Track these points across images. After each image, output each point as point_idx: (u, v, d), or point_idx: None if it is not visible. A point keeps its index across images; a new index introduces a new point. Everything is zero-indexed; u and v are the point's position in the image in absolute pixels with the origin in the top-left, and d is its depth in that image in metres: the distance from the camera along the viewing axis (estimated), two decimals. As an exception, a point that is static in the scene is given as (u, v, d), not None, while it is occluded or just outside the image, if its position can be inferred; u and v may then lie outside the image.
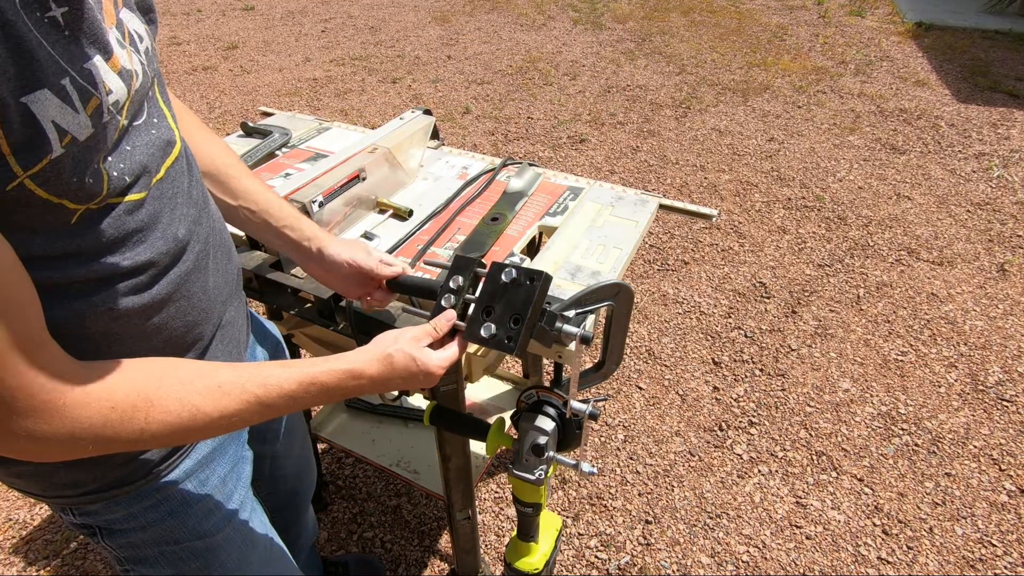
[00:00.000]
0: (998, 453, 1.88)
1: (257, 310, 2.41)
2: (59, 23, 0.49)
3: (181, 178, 0.68)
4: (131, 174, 0.59)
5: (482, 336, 0.76)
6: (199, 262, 0.71)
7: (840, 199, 3.03)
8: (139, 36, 0.62)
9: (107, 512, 0.74)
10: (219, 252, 0.76)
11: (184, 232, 0.67)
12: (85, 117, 0.51)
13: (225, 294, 0.78)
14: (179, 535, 0.79)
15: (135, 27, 0.62)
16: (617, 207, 1.21)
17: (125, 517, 0.75)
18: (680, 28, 5.14)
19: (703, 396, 2.09)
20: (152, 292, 0.64)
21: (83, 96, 0.51)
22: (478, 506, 1.77)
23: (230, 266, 0.80)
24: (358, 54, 4.80)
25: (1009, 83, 4.03)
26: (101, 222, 0.57)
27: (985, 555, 1.64)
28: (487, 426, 0.91)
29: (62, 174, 0.51)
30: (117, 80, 0.55)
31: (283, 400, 0.65)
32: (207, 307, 0.73)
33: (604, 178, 3.20)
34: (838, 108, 3.84)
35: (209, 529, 0.81)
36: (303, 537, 1.33)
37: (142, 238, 0.61)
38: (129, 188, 0.59)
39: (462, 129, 3.71)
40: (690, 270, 2.63)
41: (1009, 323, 2.32)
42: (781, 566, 1.63)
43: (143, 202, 0.61)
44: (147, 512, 0.75)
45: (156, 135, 0.64)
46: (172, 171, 0.67)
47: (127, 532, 0.76)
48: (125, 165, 0.59)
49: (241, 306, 0.87)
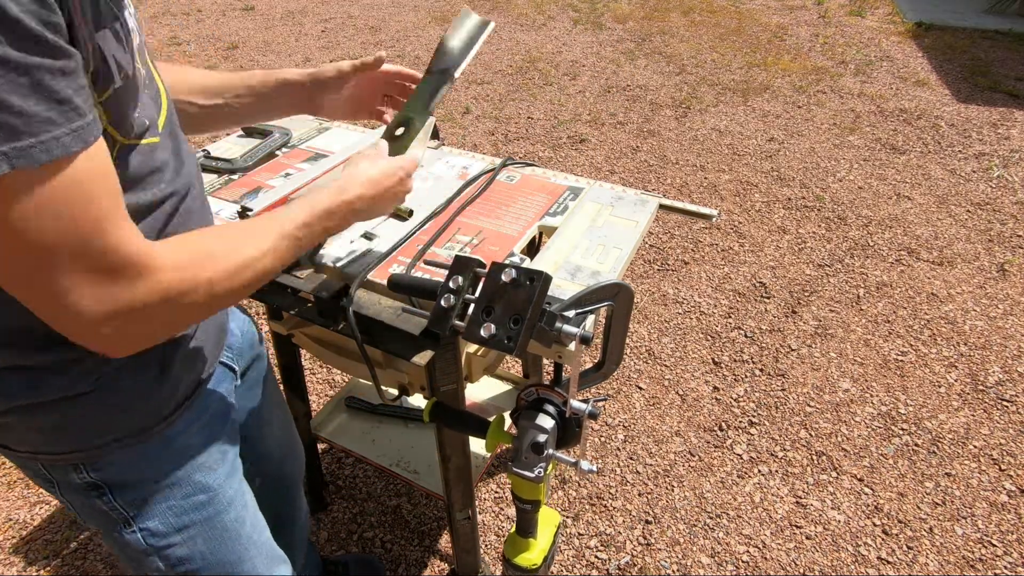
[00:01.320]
0: (998, 453, 1.88)
1: (257, 310, 2.42)
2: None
3: (173, 135, 0.74)
4: (147, 119, 0.66)
5: (482, 336, 0.76)
6: (194, 203, 0.77)
7: (840, 199, 3.03)
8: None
9: (121, 465, 0.77)
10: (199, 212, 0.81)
11: (176, 185, 0.72)
12: (131, 56, 0.60)
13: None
14: (186, 489, 0.82)
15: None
16: (617, 207, 1.21)
17: (138, 469, 0.78)
18: (680, 28, 5.14)
19: (703, 396, 2.09)
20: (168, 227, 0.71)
21: (127, 39, 0.60)
22: (478, 506, 1.77)
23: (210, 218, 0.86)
24: (358, 54, 4.79)
25: (1009, 83, 4.03)
26: (134, 157, 0.64)
27: (985, 555, 1.64)
28: (487, 423, 0.91)
29: (118, 104, 0.59)
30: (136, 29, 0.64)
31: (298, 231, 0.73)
32: None
33: (604, 178, 3.20)
34: (838, 108, 3.84)
35: (211, 484, 0.84)
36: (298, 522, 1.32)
37: (161, 177, 0.69)
38: (146, 131, 0.66)
39: (462, 129, 3.71)
40: (690, 270, 2.63)
41: (1009, 323, 2.32)
42: (781, 566, 1.63)
43: (157, 145, 0.68)
44: (157, 464, 0.79)
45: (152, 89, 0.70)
46: (168, 123, 0.73)
47: (138, 487, 0.79)
48: (142, 112, 0.65)
49: None
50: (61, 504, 1.56)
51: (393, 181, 0.85)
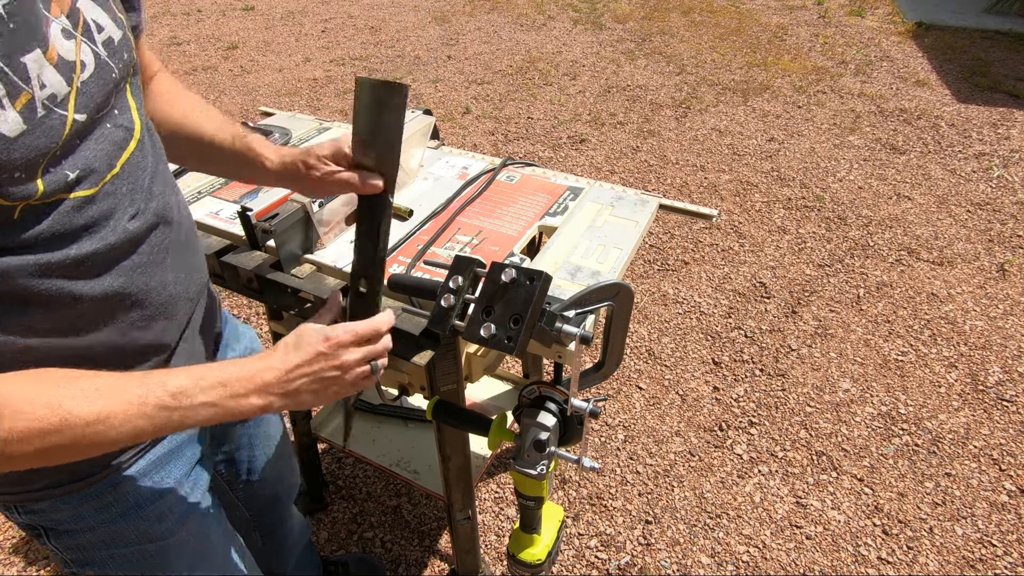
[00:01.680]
0: (998, 453, 1.88)
1: (257, 310, 2.41)
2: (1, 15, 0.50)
3: (139, 172, 0.66)
4: (77, 169, 0.58)
5: (482, 336, 0.76)
6: (155, 256, 0.69)
7: (840, 199, 3.03)
8: (98, 25, 0.61)
9: (54, 511, 0.72)
10: (182, 249, 0.74)
11: (137, 226, 0.65)
12: (14, 114, 0.51)
13: (192, 292, 0.77)
14: (130, 537, 0.76)
15: (95, 16, 0.61)
16: (617, 207, 1.21)
17: (73, 517, 0.73)
18: (680, 28, 5.14)
19: (703, 396, 2.09)
20: (101, 282, 0.62)
21: (12, 92, 0.51)
22: (478, 506, 1.77)
23: (195, 261, 0.78)
24: (358, 54, 4.80)
25: (1009, 83, 4.03)
26: (48, 217, 0.56)
27: (985, 555, 1.64)
28: (489, 421, 0.91)
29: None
30: (53, 73, 0.54)
31: (172, 400, 0.58)
32: (167, 304, 0.72)
33: (604, 178, 3.20)
34: (838, 108, 3.84)
35: (162, 532, 0.79)
36: (290, 539, 1.32)
37: (92, 232, 0.61)
38: (76, 184, 0.58)
39: (462, 129, 3.71)
40: (690, 270, 2.63)
41: (1009, 323, 2.32)
42: (781, 566, 1.63)
43: (93, 198, 0.60)
44: (97, 512, 0.73)
45: (111, 129, 0.63)
46: (129, 165, 0.65)
47: (75, 533, 0.74)
48: (71, 161, 0.57)
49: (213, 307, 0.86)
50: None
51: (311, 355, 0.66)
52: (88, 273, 0.61)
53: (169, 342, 0.74)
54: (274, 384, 0.64)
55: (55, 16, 0.55)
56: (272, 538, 1.27)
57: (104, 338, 0.66)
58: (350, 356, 0.68)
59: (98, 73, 0.60)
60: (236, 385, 0.62)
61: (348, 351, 0.68)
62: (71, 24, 0.57)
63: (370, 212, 0.77)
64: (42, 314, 0.60)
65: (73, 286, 0.60)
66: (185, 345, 0.78)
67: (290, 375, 0.65)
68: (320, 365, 0.66)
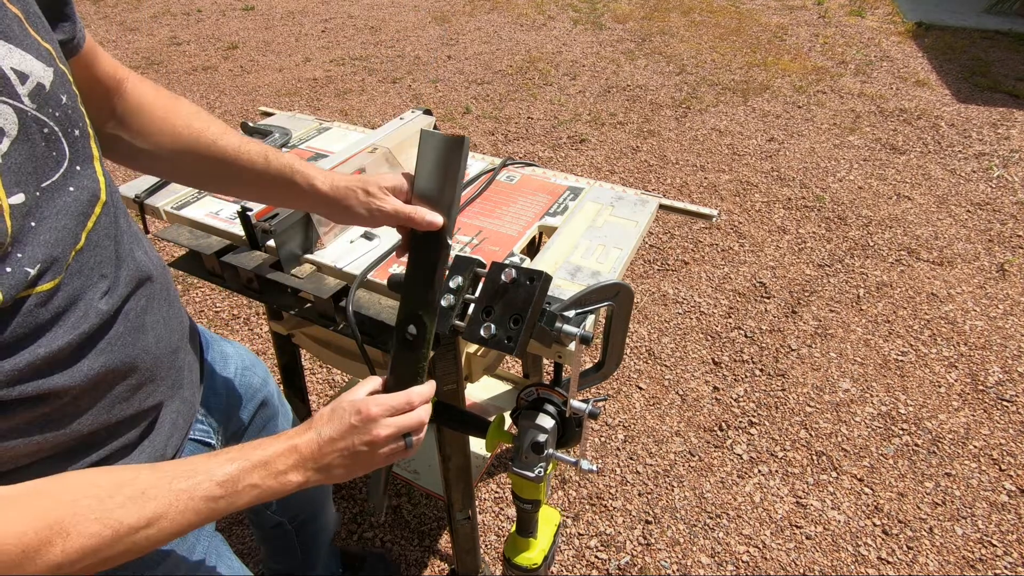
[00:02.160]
0: (998, 453, 1.88)
1: (257, 310, 2.41)
2: None
3: (106, 241, 0.60)
4: (38, 262, 0.51)
5: (482, 336, 0.76)
6: (134, 323, 0.64)
7: (840, 199, 3.03)
8: (20, 75, 0.51)
9: None
10: (158, 304, 0.70)
11: (111, 304, 0.60)
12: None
13: (175, 342, 0.73)
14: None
15: (15, 62, 0.51)
16: (617, 207, 1.21)
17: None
18: (680, 28, 5.14)
19: (703, 396, 2.09)
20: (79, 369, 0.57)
21: None
22: (478, 506, 1.77)
23: (172, 311, 0.73)
24: (358, 54, 4.80)
25: (1009, 83, 4.03)
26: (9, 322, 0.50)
27: (985, 555, 1.64)
28: (487, 423, 0.91)
29: None
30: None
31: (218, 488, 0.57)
32: (152, 367, 0.68)
33: (604, 178, 3.20)
34: (838, 108, 3.84)
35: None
36: (324, 533, 1.33)
37: (61, 321, 0.54)
38: (39, 278, 0.51)
39: (462, 129, 3.71)
40: (690, 270, 2.63)
41: (1009, 323, 2.32)
42: (781, 566, 1.63)
43: (58, 288, 0.53)
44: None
45: (75, 193, 0.55)
46: (95, 234, 0.58)
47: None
48: (28, 253, 0.50)
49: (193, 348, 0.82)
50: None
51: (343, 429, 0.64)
52: (63, 364, 0.56)
53: (158, 402, 0.71)
54: (310, 459, 0.63)
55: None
56: (304, 533, 1.27)
57: (91, 421, 0.62)
58: (381, 431, 0.65)
59: (24, 135, 0.50)
60: (278, 463, 0.61)
61: (379, 425, 0.65)
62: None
63: (426, 251, 0.74)
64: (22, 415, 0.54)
65: (49, 383, 0.55)
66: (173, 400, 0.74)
67: (323, 449, 0.64)
68: (351, 440, 0.64)
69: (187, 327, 0.79)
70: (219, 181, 0.81)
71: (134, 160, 0.79)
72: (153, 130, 0.76)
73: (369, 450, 0.65)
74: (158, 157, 0.78)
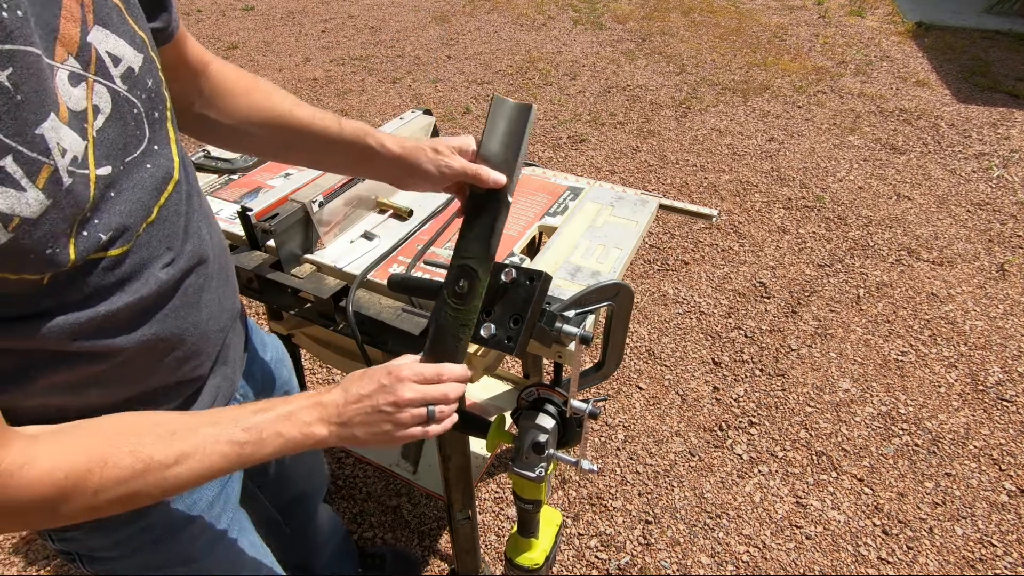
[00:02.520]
0: (998, 453, 1.88)
1: (257, 311, 2.41)
2: (7, 88, 0.44)
3: (175, 217, 0.63)
4: (112, 229, 0.54)
5: (482, 336, 0.76)
6: (189, 299, 0.66)
7: (840, 199, 3.03)
8: (114, 58, 0.54)
9: (88, 539, 0.72)
10: (215, 283, 0.72)
11: (172, 274, 0.63)
12: (35, 192, 0.47)
13: (224, 322, 0.75)
14: (163, 562, 0.77)
15: (110, 47, 0.54)
16: (617, 207, 1.21)
17: (108, 545, 0.73)
18: (680, 28, 5.14)
19: (703, 396, 2.09)
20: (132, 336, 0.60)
21: (31, 170, 0.46)
22: (478, 506, 1.77)
23: (227, 290, 0.76)
24: (358, 54, 4.80)
25: (1009, 83, 4.03)
26: (78, 280, 0.54)
27: (985, 555, 1.64)
28: (488, 423, 0.91)
29: (15, 256, 0.47)
30: (70, 133, 0.49)
31: (243, 434, 0.60)
32: (199, 341, 0.70)
33: (604, 178, 3.20)
34: (838, 108, 3.84)
35: (195, 554, 0.79)
36: (320, 535, 1.33)
37: (123, 287, 0.58)
38: (111, 243, 0.55)
39: (462, 129, 3.71)
40: (690, 270, 2.63)
41: (1009, 323, 2.32)
42: (781, 566, 1.63)
43: (126, 254, 0.57)
44: (131, 539, 0.73)
45: (151, 170, 0.59)
46: (166, 209, 0.62)
47: (108, 560, 0.74)
48: (104, 220, 0.54)
49: (240, 329, 0.84)
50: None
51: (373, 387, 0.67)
52: (121, 327, 0.60)
53: (200, 376, 0.73)
54: (334, 413, 0.66)
55: (60, 61, 0.49)
56: (302, 535, 1.28)
57: (139, 385, 0.65)
58: (406, 393, 0.67)
59: (116, 113, 0.54)
60: (303, 415, 0.64)
61: (406, 387, 0.67)
62: (81, 64, 0.51)
63: (486, 208, 0.76)
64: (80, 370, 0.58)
65: (106, 342, 0.59)
66: (215, 375, 0.76)
67: (348, 405, 0.66)
68: (377, 399, 0.66)
69: (238, 310, 0.83)
70: (298, 150, 0.85)
71: (220, 137, 0.84)
72: (237, 106, 0.81)
73: (392, 411, 0.66)
74: (242, 132, 0.82)
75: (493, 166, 0.76)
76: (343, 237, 1.14)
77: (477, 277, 0.74)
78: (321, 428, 0.65)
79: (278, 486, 1.14)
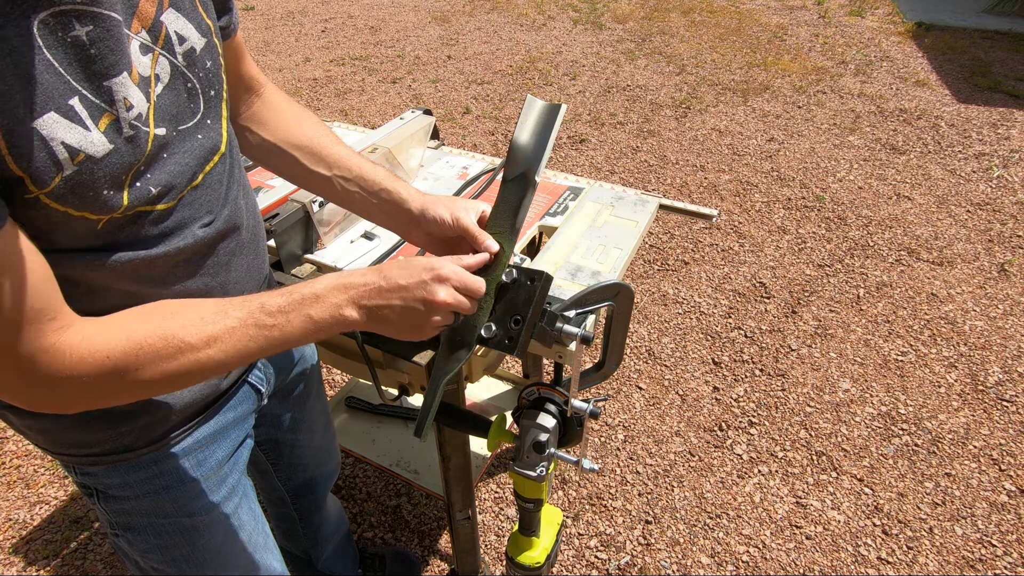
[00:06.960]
0: (998, 453, 1.88)
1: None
2: (83, 42, 0.51)
3: (217, 185, 0.69)
4: (160, 185, 0.61)
5: (483, 336, 0.76)
6: (221, 259, 0.72)
7: (840, 199, 3.03)
8: (180, 37, 0.62)
9: (106, 476, 0.77)
10: (246, 251, 0.77)
11: (208, 232, 0.68)
12: (98, 134, 0.53)
13: (251, 287, 0.80)
14: (169, 509, 0.81)
15: (179, 28, 0.62)
16: (617, 207, 1.21)
17: (122, 484, 0.78)
18: (680, 28, 5.14)
19: (703, 396, 2.09)
20: (163, 285, 0.66)
21: (94, 113, 0.53)
22: (478, 506, 1.77)
23: (257, 260, 0.81)
24: (358, 54, 4.80)
25: (1009, 83, 4.03)
26: (127, 227, 0.60)
27: (985, 555, 1.64)
28: (488, 422, 0.91)
29: (78, 190, 0.53)
30: (137, 93, 0.57)
31: (270, 317, 0.62)
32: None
33: (604, 178, 3.20)
34: (838, 108, 3.84)
35: (198, 508, 0.83)
36: (326, 527, 1.34)
37: (164, 239, 0.64)
38: (158, 199, 0.61)
39: (462, 129, 3.71)
40: (690, 270, 2.63)
41: (1009, 323, 2.32)
42: (781, 566, 1.63)
43: (171, 211, 0.64)
44: (143, 483, 0.78)
45: (201, 140, 0.66)
46: (210, 177, 0.68)
47: (121, 499, 0.79)
48: (155, 176, 0.60)
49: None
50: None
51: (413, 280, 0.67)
52: (155, 276, 0.65)
53: None
54: (365, 295, 0.66)
55: (135, 32, 0.57)
56: (308, 524, 1.29)
57: None
58: (442, 295, 0.67)
59: (172, 85, 0.61)
60: (331, 296, 0.65)
61: (445, 289, 0.68)
62: (151, 38, 0.59)
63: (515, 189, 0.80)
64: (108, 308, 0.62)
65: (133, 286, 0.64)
66: None
67: (384, 292, 0.66)
68: (415, 292, 0.67)
69: (266, 277, 0.86)
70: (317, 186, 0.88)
71: (255, 153, 0.89)
72: (279, 127, 0.87)
73: (424, 311, 0.67)
74: (274, 152, 0.87)
75: (522, 154, 0.81)
76: (343, 237, 1.14)
77: (502, 249, 0.78)
78: (352, 311, 0.66)
79: (291, 467, 1.16)
